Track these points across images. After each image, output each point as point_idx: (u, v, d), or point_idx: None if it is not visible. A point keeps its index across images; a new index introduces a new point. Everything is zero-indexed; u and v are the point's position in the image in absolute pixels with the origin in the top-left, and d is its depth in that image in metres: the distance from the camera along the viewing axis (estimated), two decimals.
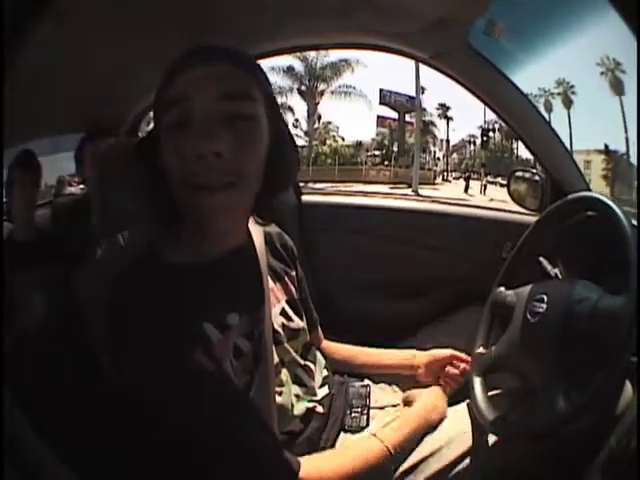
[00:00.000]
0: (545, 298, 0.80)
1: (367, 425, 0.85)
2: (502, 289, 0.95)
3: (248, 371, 0.66)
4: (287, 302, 0.83)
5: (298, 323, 0.83)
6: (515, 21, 1.23)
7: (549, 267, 0.95)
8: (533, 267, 0.96)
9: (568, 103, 31.79)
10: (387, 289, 1.44)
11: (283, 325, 0.78)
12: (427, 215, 1.45)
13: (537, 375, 0.77)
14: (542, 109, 32.44)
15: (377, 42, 1.22)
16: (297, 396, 0.76)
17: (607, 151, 29.17)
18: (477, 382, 0.88)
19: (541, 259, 0.96)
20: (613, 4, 0.40)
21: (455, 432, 0.82)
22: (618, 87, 28.46)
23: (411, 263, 1.42)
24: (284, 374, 0.75)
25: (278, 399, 0.70)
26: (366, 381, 0.96)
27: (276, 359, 0.73)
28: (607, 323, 0.69)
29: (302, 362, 0.81)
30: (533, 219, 1.02)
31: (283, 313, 0.80)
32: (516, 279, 0.94)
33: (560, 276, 0.94)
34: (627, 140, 27.81)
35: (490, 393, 0.86)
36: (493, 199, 10.50)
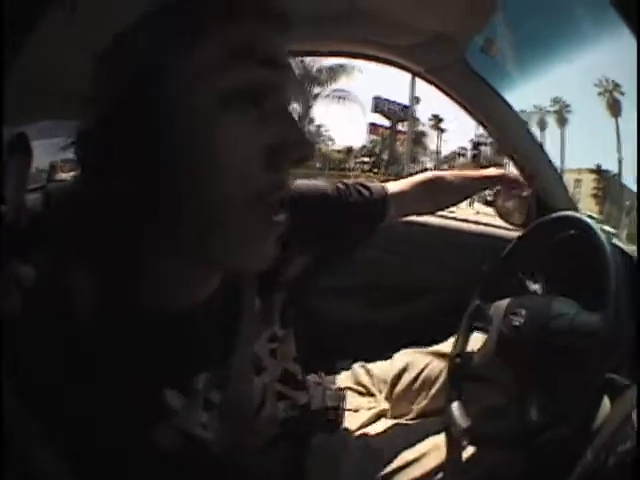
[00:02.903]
0: (522, 312, 0.82)
1: (339, 427, 0.87)
2: (481, 301, 0.97)
3: (222, 418, 0.53)
4: (280, 325, 0.69)
5: (283, 339, 0.71)
6: (514, 40, 1.25)
7: (529, 282, 0.97)
8: (513, 281, 0.98)
9: (562, 121, 32.57)
10: (368, 296, 1.44)
11: (270, 350, 0.65)
12: (409, 225, 1.43)
13: (512, 386, 0.80)
14: (536, 126, 32.97)
15: (373, 52, 1.22)
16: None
17: (599, 171, 29.68)
18: (453, 391, 0.90)
19: (521, 274, 0.98)
20: (613, 4, 0.40)
21: (432, 444, 0.84)
22: (615, 108, 29.32)
23: (392, 271, 1.43)
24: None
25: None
26: (341, 384, 0.99)
27: (259, 383, 0.61)
28: (584, 340, 0.71)
29: (285, 376, 0.71)
30: (517, 234, 1.05)
31: (271, 338, 0.66)
32: (496, 292, 0.96)
33: (540, 291, 0.96)
34: (620, 162, 28.55)
35: (466, 402, 0.87)
36: (479, 212, 10.60)
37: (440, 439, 0.85)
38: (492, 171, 1.06)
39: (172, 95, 0.41)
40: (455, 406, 0.86)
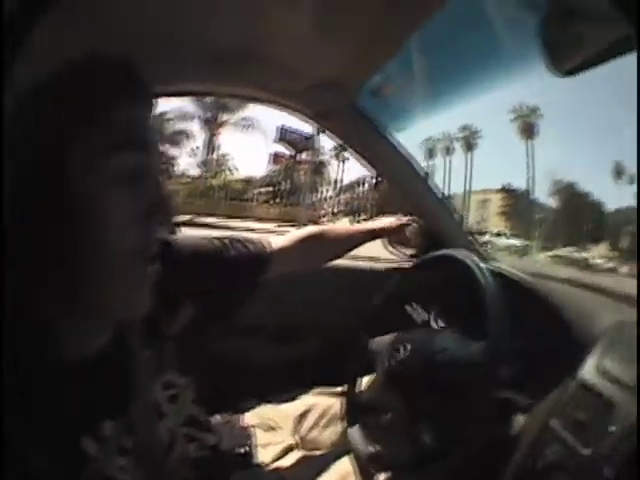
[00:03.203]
0: (407, 347, 0.88)
1: (252, 463, 0.89)
2: (369, 336, 1.01)
3: (137, 461, 0.57)
4: (176, 371, 0.73)
5: (183, 385, 0.74)
6: (422, 75, 1.24)
7: (416, 315, 1.05)
8: (401, 315, 1.05)
9: (470, 147, 34.89)
10: (268, 336, 1.44)
11: (168, 397, 0.68)
12: None
13: (403, 416, 0.87)
14: (443, 152, 35.22)
15: (265, 96, 1.23)
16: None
17: (506, 190, 32.31)
18: (353, 422, 0.96)
19: (408, 307, 1.06)
20: (613, 4, 0.41)
21: (345, 471, 0.89)
22: (528, 131, 31.94)
23: (287, 310, 1.42)
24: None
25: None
26: (250, 422, 1.01)
27: (163, 428, 0.64)
28: (465, 371, 0.79)
29: (190, 420, 0.74)
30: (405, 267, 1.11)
31: (167, 385, 0.69)
32: (384, 327, 1.00)
33: (429, 324, 1.04)
34: (529, 179, 31.56)
35: (367, 431, 0.93)
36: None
37: (350, 467, 0.90)
38: (379, 223, 1.14)
39: (65, 172, 0.48)
40: (356, 435, 0.92)
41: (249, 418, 1.04)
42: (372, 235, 1.12)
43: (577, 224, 29.72)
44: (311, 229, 0.99)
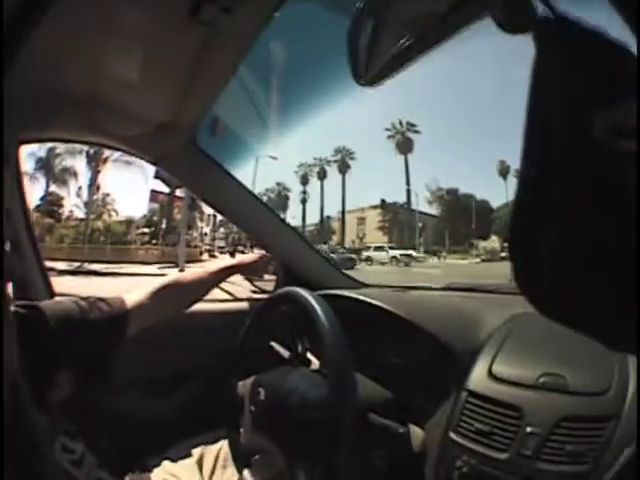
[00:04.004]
0: (261, 391, 0.86)
1: None
2: (235, 379, 0.99)
3: None
4: (65, 431, 0.72)
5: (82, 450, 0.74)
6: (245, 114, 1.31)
7: (282, 351, 1.03)
8: (266, 353, 1.03)
9: (344, 168, 35.70)
10: (140, 388, 1.33)
11: (70, 461, 0.69)
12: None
13: (279, 456, 0.82)
14: (316, 177, 36.02)
15: (108, 142, 1.19)
16: None
17: (383, 205, 33.63)
18: (241, 465, 0.96)
19: (273, 344, 1.03)
20: (613, 4, 0.39)
21: None
22: (405, 146, 33.47)
23: (158, 361, 1.33)
24: None
25: None
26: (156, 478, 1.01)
27: None
28: (316, 412, 0.77)
29: None
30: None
31: (65, 449, 0.70)
32: (247, 367, 0.98)
33: (292, 359, 1.02)
34: (408, 192, 33.34)
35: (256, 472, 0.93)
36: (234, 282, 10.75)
37: None
38: (234, 260, 1.16)
39: None
40: (249, 478, 0.92)
41: (157, 475, 1.04)
42: (228, 273, 1.14)
43: (464, 225, 31.94)
44: (164, 280, 1.01)
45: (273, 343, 1.05)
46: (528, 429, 0.71)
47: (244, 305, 1.48)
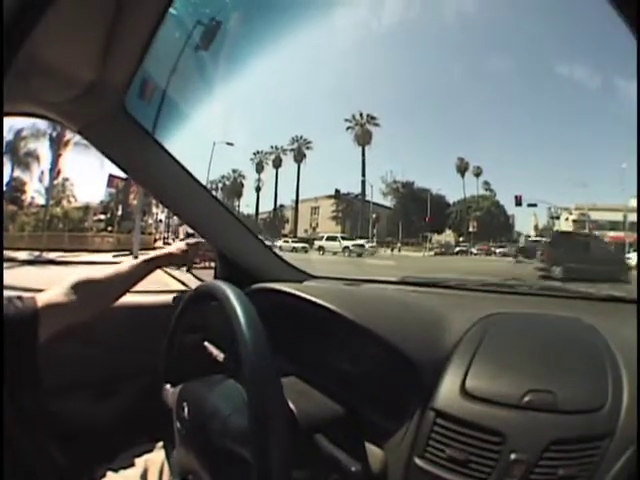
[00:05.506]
0: (186, 407, 0.76)
1: None
2: (167, 386, 0.87)
3: None
4: None
5: None
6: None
7: (216, 351, 0.91)
8: (199, 353, 0.91)
9: (300, 158, 35.42)
10: (81, 392, 1.19)
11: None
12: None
13: (206, 476, 0.71)
14: (271, 165, 35.91)
15: (38, 110, 1.01)
16: None
17: (337, 195, 33.68)
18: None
19: (207, 344, 0.91)
20: (613, 4, 0.41)
21: None
22: (364, 138, 33.34)
23: (94, 363, 1.19)
24: None
25: None
26: None
27: None
28: (239, 442, 0.64)
29: None
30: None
31: None
32: (180, 371, 0.86)
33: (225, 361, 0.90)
34: (363, 183, 33.49)
35: None
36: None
37: None
38: (162, 251, 1.13)
39: None
40: None
41: None
42: (154, 264, 1.10)
43: (418, 218, 31.83)
44: (77, 277, 0.96)
45: (207, 343, 0.92)
46: (512, 456, 0.60)
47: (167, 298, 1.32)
